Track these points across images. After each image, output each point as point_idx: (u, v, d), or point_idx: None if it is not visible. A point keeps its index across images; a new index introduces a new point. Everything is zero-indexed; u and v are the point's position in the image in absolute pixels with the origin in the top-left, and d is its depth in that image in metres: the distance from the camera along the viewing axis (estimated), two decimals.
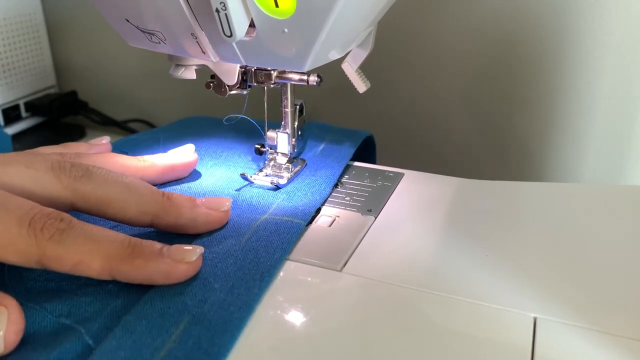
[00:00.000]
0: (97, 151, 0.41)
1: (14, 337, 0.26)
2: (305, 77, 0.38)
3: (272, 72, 0.39)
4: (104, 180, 0.33)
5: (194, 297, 0.28)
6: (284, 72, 0.39)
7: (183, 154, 0.41)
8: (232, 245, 0.33)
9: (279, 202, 0.38)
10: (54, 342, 0.26)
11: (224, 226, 0.35)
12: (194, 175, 0.42)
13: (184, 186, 0.40)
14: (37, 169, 0.31)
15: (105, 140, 0.42)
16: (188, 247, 0.30)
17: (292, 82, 0.39)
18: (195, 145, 0.42)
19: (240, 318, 0.27)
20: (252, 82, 0.39)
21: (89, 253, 0.28)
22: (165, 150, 0.42)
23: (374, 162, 0.51)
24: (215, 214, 0.34)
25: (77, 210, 0.32)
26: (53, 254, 0.28)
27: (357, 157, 0.46)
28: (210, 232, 0.34)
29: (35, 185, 0.31)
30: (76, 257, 0.28)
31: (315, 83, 0.38)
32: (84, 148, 0.41)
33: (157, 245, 0.30)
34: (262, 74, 0.39)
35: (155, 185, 0.39)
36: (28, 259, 0.28)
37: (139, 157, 0.40)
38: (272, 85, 0.40)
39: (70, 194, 0.32)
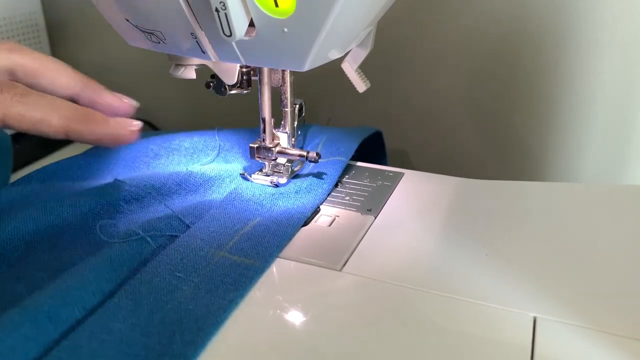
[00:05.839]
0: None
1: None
2: (304, 154, 0.40)
3: (273, 148, 0.40)
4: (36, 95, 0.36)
5: (264, 207, 0.38)
6: (283, 150, 0.40)
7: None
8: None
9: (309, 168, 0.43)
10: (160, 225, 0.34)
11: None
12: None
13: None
14: None
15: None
16: (130, 120, 0.37)
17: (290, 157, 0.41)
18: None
19: (300, 218, 0.37)
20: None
21: (48, 113, 0.34)
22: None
23: (384, 158, 0.52)
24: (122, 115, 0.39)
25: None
26: (15, 113, 0.32)
27: (366, 152, 0.47)
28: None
29: None
30: (37, 116, 0.33)
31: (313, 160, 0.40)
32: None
33: (105, 115, 0.37)
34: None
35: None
36: None
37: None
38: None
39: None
